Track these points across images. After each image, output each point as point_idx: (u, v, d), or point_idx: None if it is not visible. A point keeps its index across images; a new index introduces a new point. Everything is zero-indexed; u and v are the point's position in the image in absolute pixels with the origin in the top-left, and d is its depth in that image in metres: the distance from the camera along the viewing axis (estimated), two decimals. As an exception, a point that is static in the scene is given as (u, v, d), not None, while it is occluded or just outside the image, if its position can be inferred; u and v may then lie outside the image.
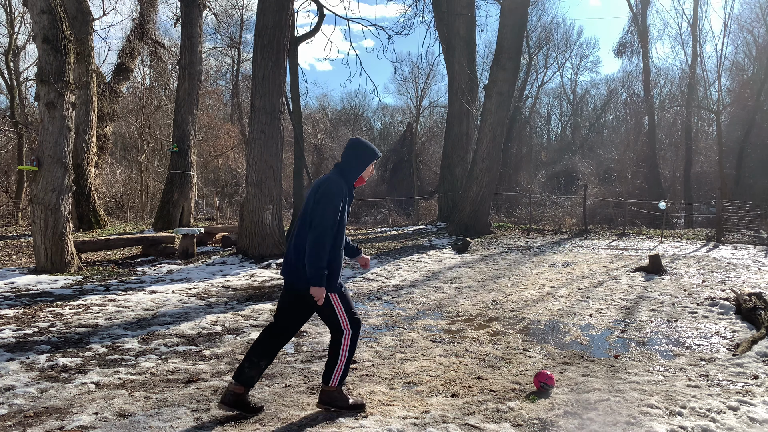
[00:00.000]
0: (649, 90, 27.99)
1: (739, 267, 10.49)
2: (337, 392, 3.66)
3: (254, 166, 11.20)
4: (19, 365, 4.54)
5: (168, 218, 15.74)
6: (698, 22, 25.40)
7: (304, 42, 14.51)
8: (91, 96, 16.38)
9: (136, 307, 6.84)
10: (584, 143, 39.99)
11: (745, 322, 6.09)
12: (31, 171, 9.26)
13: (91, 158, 16.58)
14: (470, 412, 3.70)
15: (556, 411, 3.72)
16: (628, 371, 4.57)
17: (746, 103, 24.06)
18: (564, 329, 6.01)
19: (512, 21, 16.34)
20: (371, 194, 31.89)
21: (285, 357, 4.92)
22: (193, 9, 16.12)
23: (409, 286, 8.58)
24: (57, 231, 9.04)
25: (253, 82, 11.44)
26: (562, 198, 25.36)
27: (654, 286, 8.54)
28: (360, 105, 48.67)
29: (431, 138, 38.48)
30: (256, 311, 6.73)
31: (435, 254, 12.34)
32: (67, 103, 9.20)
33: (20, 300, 7.11)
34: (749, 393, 4.05)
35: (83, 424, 3.43)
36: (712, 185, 25.67)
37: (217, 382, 4.22)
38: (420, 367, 4.65)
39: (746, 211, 17.09)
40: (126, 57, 19.85)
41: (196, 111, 16.69)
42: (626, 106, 36.95)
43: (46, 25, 9.03)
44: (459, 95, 19.47)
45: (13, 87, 21.52)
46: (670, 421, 3.57)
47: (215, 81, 32.51)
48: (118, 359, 4.78)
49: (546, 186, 29.73)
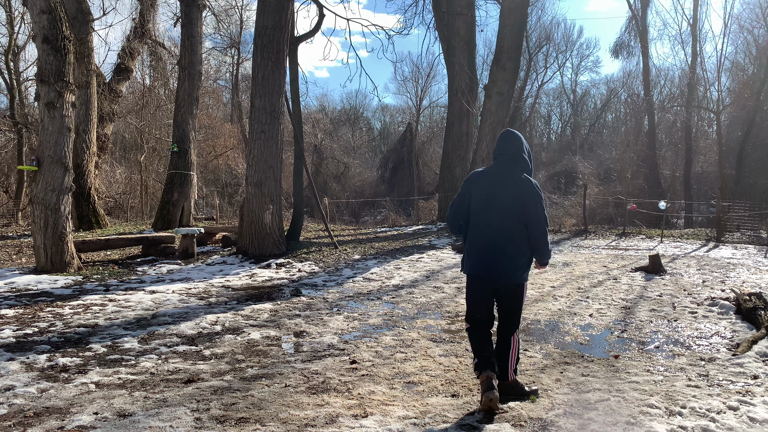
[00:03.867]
0: (649, 90, 28.01)
1: (739, 267, 10.49)
2: (513, 383, 3.93)
3: (254, 166, 11.20)
4: (19, 365, 4.54)
5: (168, 218, 15.74)
6: (698, 22, 25.42)
7: (304, 42, 14.49)
8: (91, 96, 16.38)
9: (136, 307, 6.84)
10: (584, 143, 40.02)
11: (745, 322, 6.09)
12: (31, 171, 9.26)
13: (91, 158, 16.57)
14: (470, 412, 3.70)
15: (556, 411, 3.72)
16: (628, 371, 4.57)
17: (746, 103, 24.05)
18: (564, 329, 6.01)
19: (512, 21, 16.34)
20: (371, 194, 31.90)
21: (285, 357, 4.92)
22: (193, 9, 16.11)
23: (409, 286, 8.58)
24: (57, 231, 9.04)
25: (253, 82, 11.44)
26: (562, 198, 25.38)
27: (654, 286, 8.53)
28: (360, 105, 48.73)
29: (431, 138, 38.49)
30: (256, 311, 6.73)
31: (435, 254, 12.34)
32: (67, 103, 9.20)
33: (20, 300, 7.10)
34: (749, 393, 4.05)
35: (83, 424, 3.43)
36: (712, 185, 25.67)
37: (217, 382, 4.22)
38: (420, 367, 4.65)
39: (746, 211, 17.09)
40: (126, 57, 19.84)
41: (196, 111, 16.67)
42: (626, 106, 37.00)
43: (46, 25, 9.03)
44: (459, 95, 19.47)
45: (13, 87, 21.51)
46: (670, 421, 3.57)
47: (215, 81, 32.51)
48: (118, 359, 4.78)
49: (546, 186, 29.73)
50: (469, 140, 20.19)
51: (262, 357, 4.91)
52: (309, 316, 6.53)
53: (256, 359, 4.84)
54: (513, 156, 3.92)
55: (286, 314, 6.60)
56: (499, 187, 3.85)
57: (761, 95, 23.03)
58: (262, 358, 4.89)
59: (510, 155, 3.92)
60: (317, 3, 14.32)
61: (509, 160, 3.92)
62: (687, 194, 25.14)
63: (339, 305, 7.15)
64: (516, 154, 3.91)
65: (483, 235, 3.87)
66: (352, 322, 6.26)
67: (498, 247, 3.82)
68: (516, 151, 3.92)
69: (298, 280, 9.07)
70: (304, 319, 6.38)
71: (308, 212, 22.52)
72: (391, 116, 49.74)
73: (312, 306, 7.08)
